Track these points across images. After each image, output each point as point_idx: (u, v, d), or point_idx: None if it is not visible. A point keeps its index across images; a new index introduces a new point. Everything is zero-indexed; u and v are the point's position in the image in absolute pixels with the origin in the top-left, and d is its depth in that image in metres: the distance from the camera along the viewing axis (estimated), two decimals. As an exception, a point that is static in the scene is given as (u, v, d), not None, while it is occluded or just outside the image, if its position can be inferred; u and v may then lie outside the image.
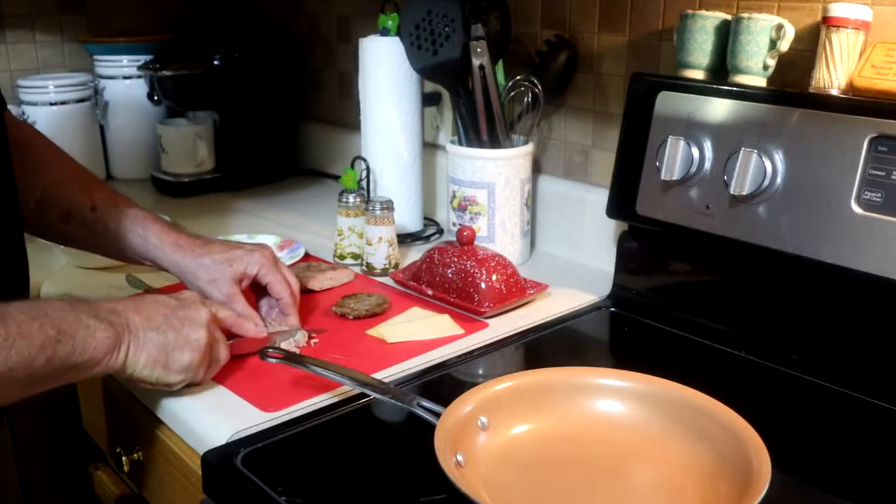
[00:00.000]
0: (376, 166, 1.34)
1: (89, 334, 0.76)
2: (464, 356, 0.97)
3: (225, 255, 0.98)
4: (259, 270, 0.99)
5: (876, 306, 0.89)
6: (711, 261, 1.04)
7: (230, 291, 0.97)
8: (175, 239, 0.99)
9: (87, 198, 1.01)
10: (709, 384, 0.80)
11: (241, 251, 1.00)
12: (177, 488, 0.93)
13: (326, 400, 0.86)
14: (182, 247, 0.99)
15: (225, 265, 0.98)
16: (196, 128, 1.67)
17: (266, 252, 1.01)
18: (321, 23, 1.75)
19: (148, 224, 1.00)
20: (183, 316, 0.84)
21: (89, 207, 1.00)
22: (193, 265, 0.98)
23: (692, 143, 1.00)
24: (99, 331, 0.76)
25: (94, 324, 0.76)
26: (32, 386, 0.73)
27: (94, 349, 0.76)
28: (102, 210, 1.00)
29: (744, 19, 0.97)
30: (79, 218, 1.01)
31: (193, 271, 0.98)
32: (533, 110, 1.25)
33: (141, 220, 1.00)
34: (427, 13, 1.20)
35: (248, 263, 0.98)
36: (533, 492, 0.73)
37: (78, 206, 1.00)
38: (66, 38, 1.76)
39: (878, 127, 0.86)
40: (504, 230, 1.24)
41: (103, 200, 1.01)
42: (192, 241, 1.00)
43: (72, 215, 1.00)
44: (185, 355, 0.83)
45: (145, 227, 0.99)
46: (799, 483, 0.76)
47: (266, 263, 0.99)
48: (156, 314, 0.82)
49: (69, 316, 0.75)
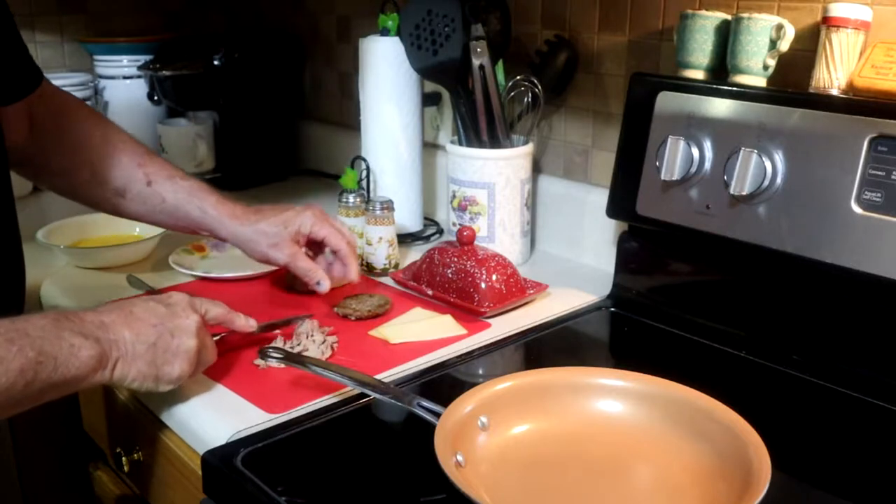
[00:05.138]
0: (376, 166, 1.34)
1: (73, 353, 0.73)
2: (464, 356, 0.97)
3: (279, 217, 1.04)
4: (312, 227, 1.05)
5: (876, 306, 0.89)
6: (711, 261, 1.04)
7: (291, 251, 1.03)
8: (231, 210, 1.05)
9: (141, 172, 1.04)
10: (709, 384, 0.80)
11: (293, 212, 1.05)
12: (177, 488, 0.93)
13: (326, 400, 0.86)
14: (238, 216, 1.04)
15: (281, 227, 1.03)
16: (196, 128, 1.67)
17: (315, 210, 1.06)
18: (321, 23, 1.75)
19: (204, 196, 1.04)
20: (173, 326, 0.82)
21: (145, 182, 1.03)
22: (252, 232, 1.04)
23: (692, 143, 1.00)
24: (84, 349, 0.74)
25: (79, 342, 0.74)
26: (13, 407, 0.71)
27: (78, 368, 0.73)
28: (158, 184, 1.04)
29: (744, 19, 0.97)
30: (134, 192, 1.04)
31: (254, 238, 1.04)
32: (533, 110, 1.25)
33: (197, 192, 1.04)
34: (427, 13, 1.20)
35: (300, 223, 1.04)
36: (533, 492, 0.73)
37: (133, 180, 1.03)
38: (66, 38, 1.75)
39: (878, 127, 0.86)
40: (504, 230, 1.24)
41: (157, 174, 1.04)
42: (246, 210, 1.05)
43: (127, 189, 1.04)
44: (174, 368, 0.82)
45: (202, 199, 1.04)
46: (799, 483, 0.76)
47: (317, 220, 1.05)
48: (146, 326, 0.80)
49: (50, 335, 0.72)
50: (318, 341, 0.97)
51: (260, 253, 1.04)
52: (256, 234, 1.04)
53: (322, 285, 1.04)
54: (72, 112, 1.04)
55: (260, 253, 1.04)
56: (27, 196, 1.47)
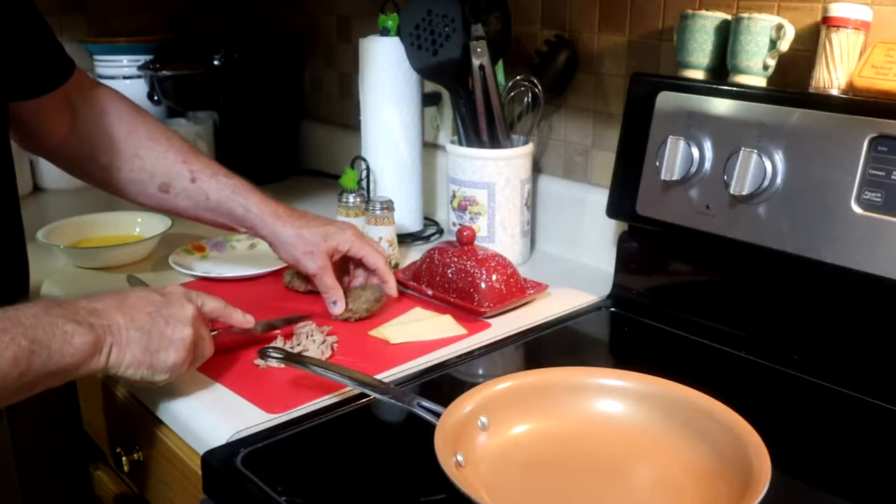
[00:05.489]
0: (376, 166, 1.34)
1: (66, 340, 0.72)
2: (464, 356, 0.97)
3: (321, 230, 1.06)
4: (351, 247, 1.06)
5: (876, 306, 0.89)
6: (711, 261, 1.04)
7: (323, 264, 1.04)
8: (274, 209, 1.05)
9: (186, 168, 1.05)
10: (709, 384, 0.80)
11: (335, 228, 1.07)
12: (177, 488, 0.93)
13: (326, 400, 0.86)
14: (281, 217, 1.05)
15: (320, 239, 1.05)
16: (196, 128, 1.67)
17: (355, 230, 1.09)
18: (321, 23, 1.75)
19: (248, 194, 1.05)
20: (168, 314, 0.81)
21: (189, 178, 1.05)
22: (292, 236, 1.05)
23: (692, 143, 1.00)
24: (77, 335, 0.73)
25: (72, 328, 0.73)
26: (8, 398, 0.70)
27: (73, 355, 0.73)
28: (202, 181, 1.05)
29: (744, 19, 0.97)
30: (178, 188, 1.05)
31: (292, 242, 1.05)
32: (533, 110, 1.25)
33: (241, 190, 1.05)
34: (427, 13, 1.20)
35: (340, 241, 1.06)
36: (533, 492, 0.73)
37: (178, 176, 1.05)
38: (66, 38, 1.75)
39: (878, 127, 0.86)
40: (504, 230, 1.24)
41: (202, 171, 1.05)
42: (290, 213, 1.07)
43: (172, 185, 1.05)
44: (169, 355, 0.81)
45: (246, 198, 1.05)
46: (799, 483, 0.76)
47: (356, 240, 1.07)
48: (140, 313, 0.80)
49: (43, 322, 0.71)
50: (318, 341, 0.97)
51: (293, 256, 1.05)
52: (296, 238, 1.04)
53: (337, 306, 1.04)
54: (116, 105, 1.05)
55: (293, 256, 1.05)
56: (27, 196, 1.47)
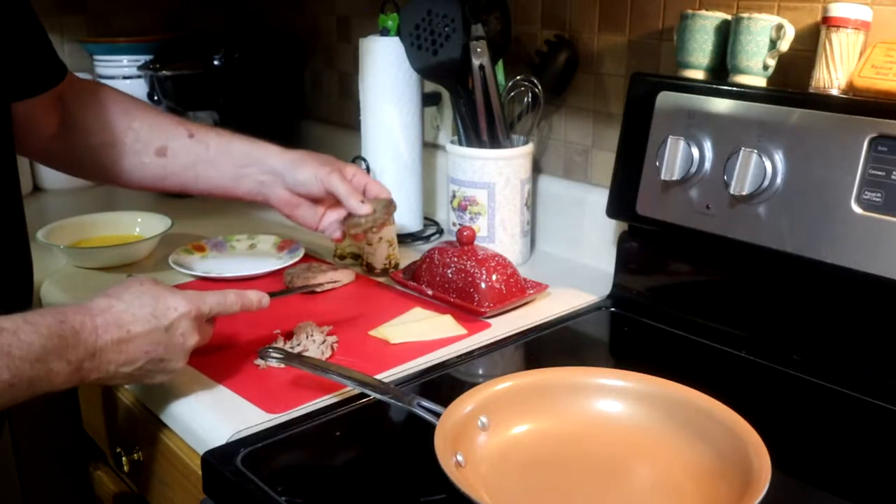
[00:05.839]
0: (376, 166, 1.34)
1: (49, 378, 0.72)
2: (464, 356, 0.97)
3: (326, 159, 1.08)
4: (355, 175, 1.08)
5: (876, 306, 0.89)
6: (711, 261, 1.04)
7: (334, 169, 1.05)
8: (278, 149, 1.08)
9: (183, 128, 1.07)
10: (709, 384, 0.80)
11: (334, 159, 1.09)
12: (177, 488, 0.93)
13: (326, 400, 0.86)
14: (285, 154, 1.07)
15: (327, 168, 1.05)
16: (196, 128, 1.67)
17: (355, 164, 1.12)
18: (321, 23, 1.75)
19: (250, 139, 1.08)
20: (165, 354, 0.81)
21: (187, 135, 1.06)
22: (300, 156, 1.07)
23: (692, 143, 1.00)
24: (62, 375, 0.73)
25: (62, 368, 0.73)
26: None
27: (51, 388, 0.73)
28: (200, 134, 1.07)
29: (744, 19, 0.97)
30: (176, 146, 1.06)
31: (302, 159, 1.06)
32: (533, 110, 1.25)
33: (240, 136, 1.08)
34: (427, 13, 1.20)
35: (343, 166, 1.08)
36: (533, 492, 0.73)
37: (175, 136, 1.06)
38: (66, 38, 1.75)
39: (878, 127, 0.86)
40: (504, 230, 1.24)
41: (198, 128, 1.08)
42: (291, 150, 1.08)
43: (168, 147, 1.06)
44: (155, 380, 0.84)
45: (249, 142, 1.07)
46: (799, 483, 0.76)
47: (359, 170, 1.10)
48: (137, 352, 0.79)
49: (32, 355, 0.70)
50: (318, 341, 0.97)
51: (307, 172, 1.05)
52: (304, 156, 1.06)
53: (364, 206, 1.05)
54: (107, 92, 1.07)
55: (307, 172, 1.05)
56: (27, 196, 1.47)
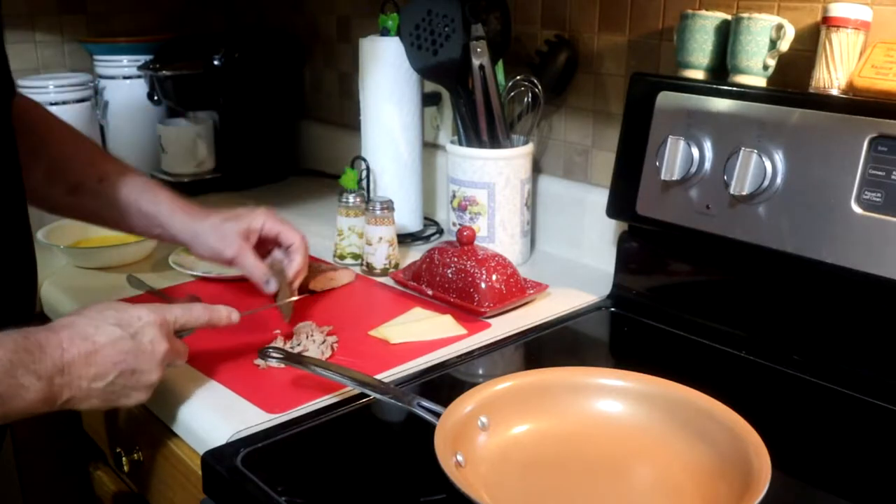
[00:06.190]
0: (376, 166, 1.34)
1: (20, 394, 0.71)
2: (464, 356, 0.97)
3: (230, 213, 1.05)
4: (265, 224, 1.04)
5: (876, 306, 0.89)
6: (711, 261, 1.04)
7: (239, 245, 1.02)
8: (183, 205, 1.04)
9: (95, 170, 1.03)
10: (709, 384, 0.80)
11: (244, 209, 1.06)
12: (177, 488, 0.93)
13: (326, 400, 0.86)
14: (190, 212, 1.04)
15: (231, 223, 1.03)
16: (196, 128, 1.67)
17: (267, 209, 1.07)
18: (321, 23, 1.75)
19: (157, 191, 1.04)
20: (136, 365, 0.79)
21: (97, 178, 1.03)
22: (202, 227, 1.03)
23: (692, 143, 1.00)
24: (32, 391, 0.72)
25: (30, 382, 0.71)
26: None
27: (24, 408, 0.72)
28: (111, 180, 1.03)
29: (744, 19, 0.97)
30: (86, 189, 1.03)
31: (203, 232, 1.03)
32: (533, 110, 1.25)
33: (151, 187, 1.04)
34: (427, 13, 1.20)
35: (251, 220, 1.04)
36: (533, 492, 0.73)
37: (85, 177, 1.03)
38: (66, 38, 1.75)
39: (878, 127, 0.86)
40: (504, 230, 1.24)
41: (111, 171, 1.04)
42: (197, 207, 1.05)
43: (79, 188, 1.03)
44: (131, 399, 0.80)
45: (156, 194, 1.03)
46: (799, 483, 0.76)
47: (269, 218, 1.05)
48: (106, 365, 0.77)
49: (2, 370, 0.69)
50: (318, 341, 0.97)
51: (208, 247, 1.02)
52: (206, 228, 1.02)
53: (270, 284, 1.01)
54: (30, 111, 1.03)
55: (208, 247, 1.02)
56: (27, 196, 1.47)
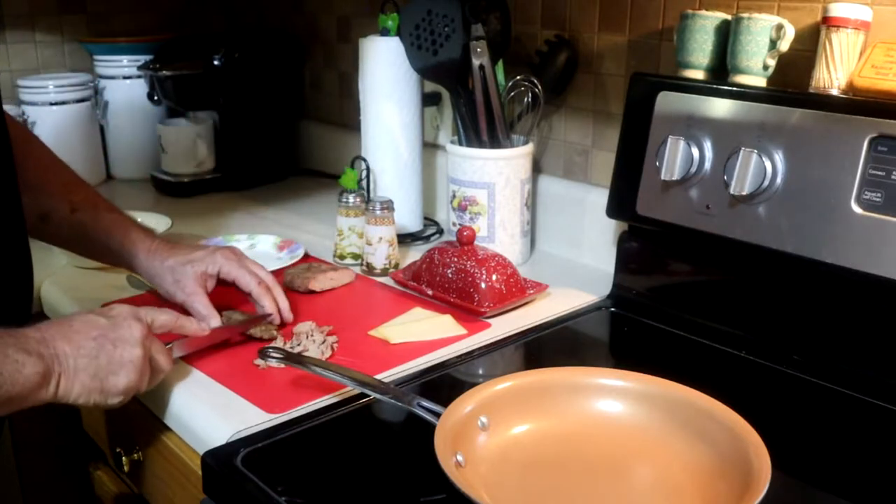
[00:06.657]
0: (376, 166, 1.34)
1: (17, 370, 0.72)
2: (464, 356, 0.97)
3: (187, 256, 1.02)
4: (221, 269, 1.02)
5: (876, 306, 0.89)
6: (711, 261, 1.04)
7: (191, 290, 1.00)
8: (148, 245, 1.03)
9: (67, 199, 1.03)
10: (709, 384, 0.80)
11: (203, 252, 1.03)
12: (177, 488, 0.93)
13: (326, 400, 0.86)
14: (152, 252, 1.03)
15: (187, 266, 1.01)
16: (196, 128, 1.67)
17: (227, 252, 1.04)
18: (321, 23, 1.75)
19: (126, 230, 1.04)
20: (115, 337, 0.80)
21: (69, 209, 1.02)
22: (161, 269, 1.02)
23: (692, 143, 1.00)
24: (28, 365, 0.73)
25: (23, 358, 0.73)
26: None
27: (23, 385, 0.73)
28: (82, 213, 1.03)
29: (744, 19, 0.97)
30: (57, 218, 1.02)
31: (161, 274, 1.02)
32: (533, 110, 1.25)
33: (119, 226, 1.04)
34: (427, 13, 1.20)
35: (208, 264, 1.02)
36: (533, 492, 0.73)
37: (57, 207, 1.02)
38: (66, 38, 1.76)
39: (878, 127, 0.86)
40: (504, 230, 1.24)
41: (83, 203, 1.03)
42: (162, 247, 1.04)
43: (50, 216, 1.02)
44: (120, 378, 0.80)
45: (123, 234, 1.03)
46: (799, 483, 0.76)
47: (227, 262, 1.02)
48: (86, 339, 0.79)
49: None
50: (318, 341, 0.97)
51: (164, 289, 1.03)
52: (164, 270, 1.02)
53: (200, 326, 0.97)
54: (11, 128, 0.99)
55: (164, 289, 1.03)
56: (27, 196, 1.47)
